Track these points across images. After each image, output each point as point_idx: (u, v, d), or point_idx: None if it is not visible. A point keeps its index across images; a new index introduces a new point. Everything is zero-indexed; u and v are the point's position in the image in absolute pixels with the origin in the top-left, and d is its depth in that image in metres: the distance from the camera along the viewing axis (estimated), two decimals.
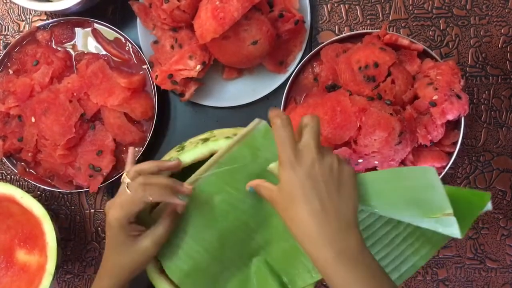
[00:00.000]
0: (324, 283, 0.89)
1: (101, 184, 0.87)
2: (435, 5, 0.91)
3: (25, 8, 0.95)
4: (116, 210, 0.63)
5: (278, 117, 0.58)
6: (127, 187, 0.62)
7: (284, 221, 0.58)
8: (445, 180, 0.90)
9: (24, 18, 0.96)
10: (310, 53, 0.87)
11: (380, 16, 0.92)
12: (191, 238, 0.68)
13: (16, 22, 0.96)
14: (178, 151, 0.74)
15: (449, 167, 0.83)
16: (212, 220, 0.68)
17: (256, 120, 0.68)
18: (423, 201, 0.59)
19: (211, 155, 0.70)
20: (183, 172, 0.70)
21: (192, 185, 0.66)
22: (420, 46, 0.84)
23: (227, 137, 0.71)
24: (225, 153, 0.68)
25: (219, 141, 0.70)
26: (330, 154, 0.58)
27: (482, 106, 0.91)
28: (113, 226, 0.63)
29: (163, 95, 0.92)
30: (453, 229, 0.57)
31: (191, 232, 0.68)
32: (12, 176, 0.96)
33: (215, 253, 0.69)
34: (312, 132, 0.58)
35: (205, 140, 0.73)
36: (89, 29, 0.91)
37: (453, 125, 0.84)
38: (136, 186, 0.62)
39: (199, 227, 0.68)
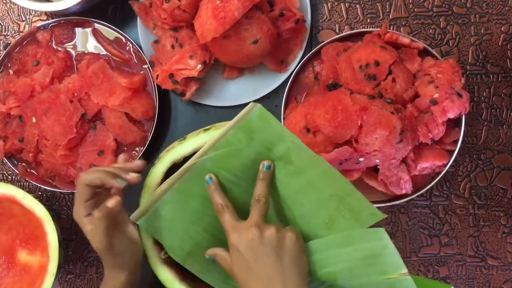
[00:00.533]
0: None
1: None
2: (435, 3, 0.91)
3: (25, 8, 0.95)
4: (74, 208, 0.67)
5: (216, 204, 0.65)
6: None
7: None
8: (446, 178, 0.91)
9: (24, 18, 0.96)
10: (311, 52, 0.87)
11: (381, 14, 0.92)
12: (190, 221, 0.69)
13: (16, 22, 0.96)
14: (180, 141, 0.73)
15: (450, 165, 0.83)
16: (209, 202, 0.68)
17: (251, 104, 0.68)
18: (378, 262, 0.60)
19: None
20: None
21: (138, 173, 0.67)
22: (421, 44, 0.84)
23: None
24: (221, 137, 0.67)
25: (221, 129, 0.69)
26: (270, 227, 0.61)
27: (483, 104, 0.91)
28: (80, 226, 0.67)
29: (164, 94, 0.92)
30: None
31: (190, 215, 0.69)
32: (13, 177, 0.96)
33: (214, 231, 0.70)
34: (259, 210, 0.63)
35: (207, 129, 0.72)
36: (89, 29, 0.91)
37: (453, 123, 0.85)
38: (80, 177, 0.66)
39: (197, 210, 0.69)
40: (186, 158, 0.70)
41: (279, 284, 0.58)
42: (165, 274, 0.70)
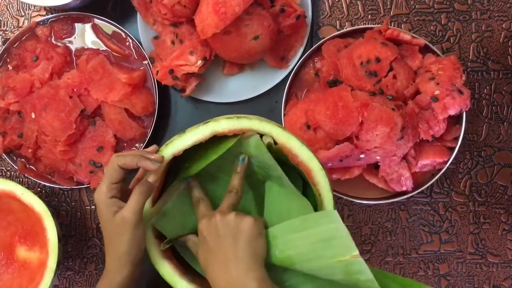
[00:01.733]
0: None
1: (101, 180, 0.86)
2: (436, 0, 0.91)
3: (24, 3, 0.95)
4: (98, 188, 0.66)
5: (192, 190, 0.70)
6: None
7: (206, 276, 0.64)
8: (446, 175, 0.90)
9: (23, 14, 0.96)
10: (312, 48, 0.86)
11: (382, 11, 0.91)
12: (191, 216, 0.71)
13: (15, 18, 0.96)
14: (180, 135, 0.73)
15: (451, 162, 0.83)
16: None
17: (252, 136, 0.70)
18: (331, 245, 0.60)
19: (213, 136, 0.69)
20: (184, 155, 0.70)
21: (161, 154, 0.68)
22: (422, 41, 0.83)
23: (228, 117, 0.70)
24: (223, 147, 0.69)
25: (221, 121, 0.69)
26: (232, 213, 0.64)
27: (484, 101, 0.91)
28: (98, 207, 0.66)
29: (163, 90, 0.91)
30: (365, 274, 0.58)
31: (191, 211, 0.71)
32: (12, 173, 0.96)
33: None
34: (229, 199, 0.66)
35: (206, 122, 0.72)
36: (89, 25, 0.90)
37: (454, 120, 0.84)
38: (110, 160, 0.66)
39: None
40: (186, 151, 0.70)
41: (233, 264, 0.60)
42: (165, 268, 0.70)
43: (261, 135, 0.70)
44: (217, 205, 0.67)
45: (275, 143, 0.69)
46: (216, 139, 0.71)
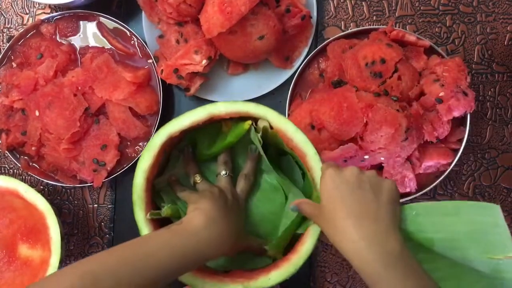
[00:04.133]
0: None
1: (105, 178, 0.86)
2: (441, 1, 0.91)
3: (29, 1, 0.95)
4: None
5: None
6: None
7: (328, 236, 0.61)
8: (450, 177, 0.90)
9: (28, 11, 0.96)
10: (316, 49, 0.86)
11: (387, 12, 0.91)
12: None
13: (19, 15, 0.96)
14: (178, 117, 0.74)
15: (455, 164, 0.83)
16: None
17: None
18: (484, 239, 0.57)
19: (210, 118, 0.70)
20: (182, 137, 0.73)
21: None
22: (427, 42, 0.83)
23: (225, 101, 0.71)
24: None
25: (218, 104, 0.70)
26: (371, 171, 0.62)
27: (488, 103, 0.91)
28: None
29: (167, 89, 0.91)
30: None
31: None
32: (15, 170, 0.96)
33: None
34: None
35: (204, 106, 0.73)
36: (94, 23, 0.90)
37: (458, 122, 0.84)
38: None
39: None
40: (183, 132, 0.71)
41: (371, 219, 0.57)
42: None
43: (257, 121, 0.71)
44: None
45: (272, 127, 0.69)
46: (226, 130, 0.74)
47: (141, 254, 0.58)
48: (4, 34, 0.96)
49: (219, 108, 0.70)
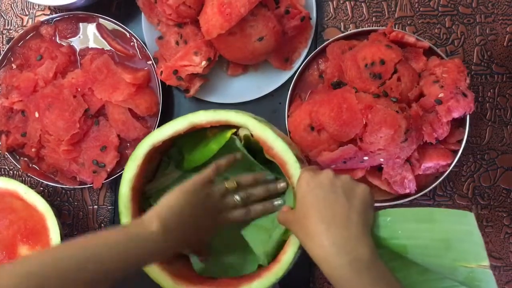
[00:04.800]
0: None
1: (105, 180, 0.86)
2: (441, 2, 0.91)
3: (28, 2, 0.95)
4: None
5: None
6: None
7: (301, 242, 0.61)
8: (449, 178, 0.90)
9: (27, 13, 0.96)
10: (316, 50, 0.86)
11: (386, 13, 0.91)
12: None
13: (19, 17, 0.96)
14: (160, 127, 0.75)
15: (454, 165, 0.83)
16: None
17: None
18: (458, 247, 0.57)
19: (191, 128, 0.72)
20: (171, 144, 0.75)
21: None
22: (426, 43, 0.83)
23: (206, 110, 0.72)
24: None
25: (199, 113, 0.72)
26: (346, 175, 0.62)
27: (487, 104, 0.91)
28: None
29: (167, 91, 0.91)
30: (489, 285, 0.55)
31: None
32: (15, 172, 0.96)
33: None
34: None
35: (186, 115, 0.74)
36: (93, 24, 0.90)
37: (458, 123, 0.84)
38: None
39: None
40: (165, 142, 0.73)
41: (342, 224, 0.57)
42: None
43: (238, 129, 0.72)
44: None
45: (253, 135, 0.70)
46: (211, 136, 0.75)
47: (85, 253, 0.57)
48: (4, 36, 0.96)
49: (200, 117, 0.72)
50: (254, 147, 0.73)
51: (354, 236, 0.56)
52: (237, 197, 0.71)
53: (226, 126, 0.73)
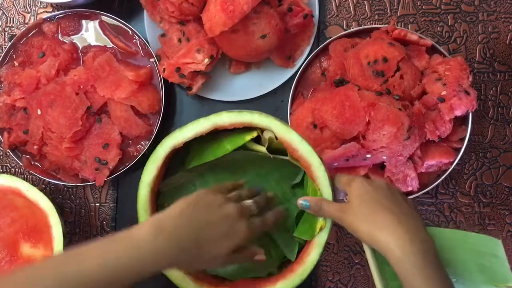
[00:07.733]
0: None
1: (107, 177, 0.86)
2: (443, 0, 0.91)
3: None
4: None
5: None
6: None
7: (360, 231, 0.61)
8: (452, 176, 0.90)
9: (29, 10, 0.96)
10: (318, 48, 0.86)
11: (388, 11, 0.91)
12: None
13: (21, 14, 0.96)
14: (181, 128, 0.73)
15: (456, 163, 0.83)
16: None
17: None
18: (487, 268, 0.64)
19: (214, 129, 0.70)
20: (187, 147, 0.73)
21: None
22: (429, 41, 0.83)
23: (230, 111, 0.70)
24: None
25: (222, 114, 0.70)
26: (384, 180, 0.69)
27: (490, 103, 0.91)
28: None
29: (169, 88, 0.91)
30: None
31: None
32: (17, 169, 0.96)
33: None
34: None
35: (207, 117, 0.72)
36: (96, 22, 0.90)
37: (460, 121, 0.84)
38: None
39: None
40: (186, 144, 0.71)
41: (410, 215, 0.60)
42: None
43: (263, 131, 0.71)
44: None
45: (276, 138, 0.69)
46: (216, 136, 0.73)
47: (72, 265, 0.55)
48: (6, 33, 0.96)
49: (223, 118, 0.70)
50: (272, 150, 0.72)
51: (423, 226, 0.60)
52: (250, 202, 0.68)
53: (245, 128, 0.71)
